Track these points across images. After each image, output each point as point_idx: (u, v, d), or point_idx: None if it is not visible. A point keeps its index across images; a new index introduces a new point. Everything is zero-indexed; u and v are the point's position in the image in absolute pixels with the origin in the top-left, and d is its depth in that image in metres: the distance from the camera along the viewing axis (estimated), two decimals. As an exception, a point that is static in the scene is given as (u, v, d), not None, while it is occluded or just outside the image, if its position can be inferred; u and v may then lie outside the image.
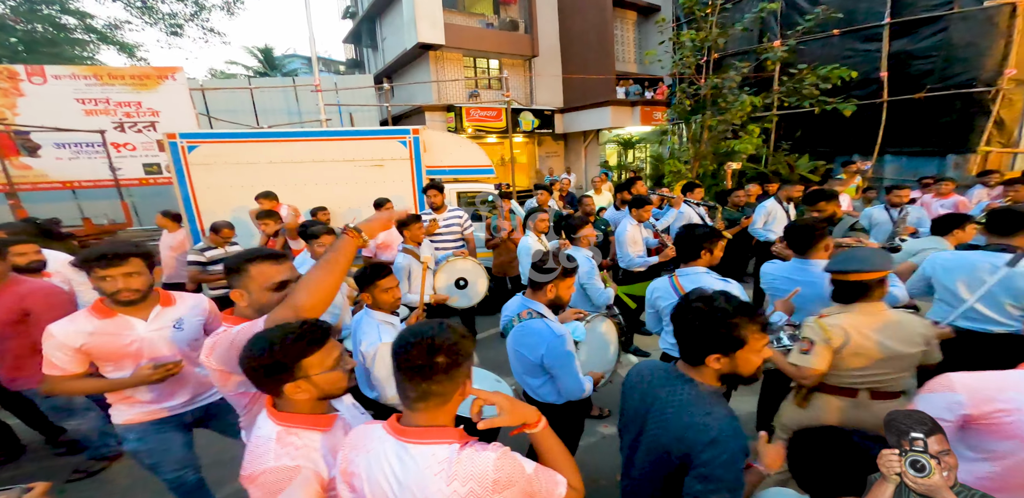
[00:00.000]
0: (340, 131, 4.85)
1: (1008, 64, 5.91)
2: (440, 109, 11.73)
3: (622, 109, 10.55)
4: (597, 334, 2.20)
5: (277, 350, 1.06)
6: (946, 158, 6.65)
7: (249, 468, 1.05)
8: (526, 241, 3.55)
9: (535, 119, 11.42)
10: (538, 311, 1.83)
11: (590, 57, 11.16)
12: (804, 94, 6.37)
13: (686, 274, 2.15)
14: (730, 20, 7.15)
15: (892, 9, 6.57)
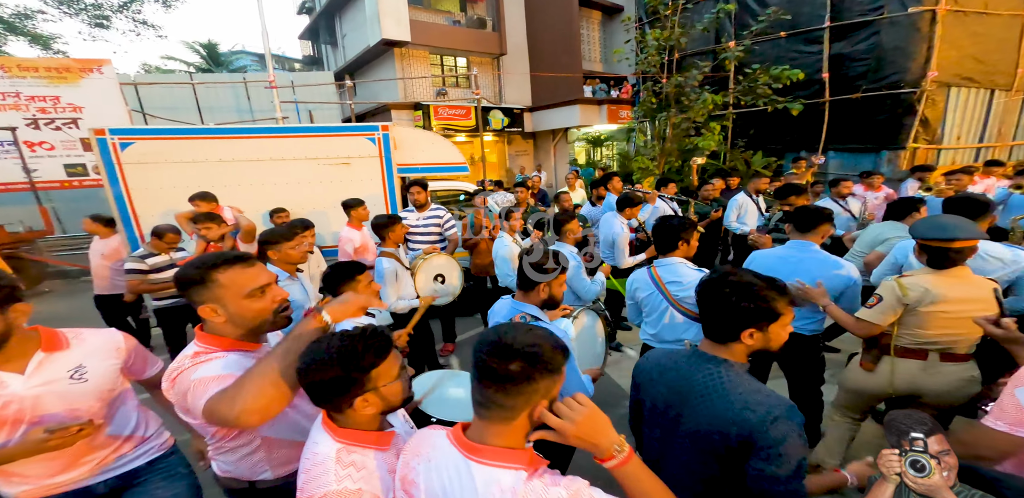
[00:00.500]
0: (302, 127, 4.59)
1: (930, 67, 6.40)
2: (407, 107, 11.60)
3: (590, 107, 10.80)
4: (584, 329, 2.19)
5: (349, 361, 0.98)
6: (881, 154, 7.16)
7: (309, 489, 0.96)
8: (501, 242, 3.46)
9: (505, 117, 11.51)
10: (532, 314, 1.75)
11: (557, 56, 11.36)
12: (758, 93, 6.70)
13: (664, 265, 2.18)
14: (690, 21, 7.40)
15: (831, 13, 6.96)
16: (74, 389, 1.29)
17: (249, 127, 4.29)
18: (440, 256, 3.44)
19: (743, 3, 7.48)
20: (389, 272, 2.87)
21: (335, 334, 1.04)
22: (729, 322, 1.11)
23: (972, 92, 6.84)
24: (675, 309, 2.13)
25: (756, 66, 6.75)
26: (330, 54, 17.30)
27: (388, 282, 2.85)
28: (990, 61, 6.71)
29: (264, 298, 1.19)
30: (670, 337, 2.19)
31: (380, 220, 2.99)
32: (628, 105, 10.60)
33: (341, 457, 0.99)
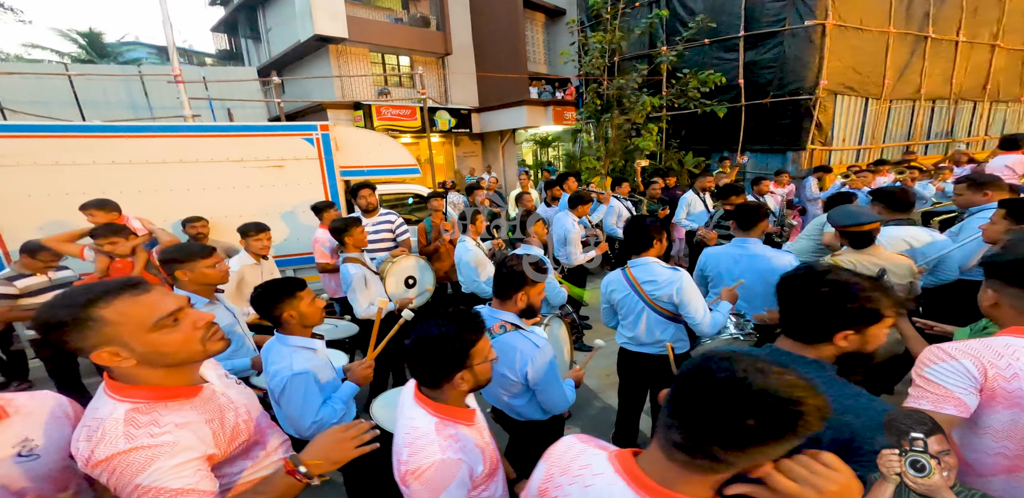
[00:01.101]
0: (221, 126, 4.11)
1: (822, 76, 7.27)
2: (346, 106, 11.17)
3: (536, 109, 11.19)
4: (553, 337, 2.17)
5: (462, 337, 1.02)
6: (787, 155, 8.02)
7: (414, 462, 0.98)
8: (463, 246, 3.37)
9: (451, 118, 11.52)
10: (512, 322, 1.67)
11: (503, 57, 11.62)
12: (689, 96, 7.31)
13: (638, 265, 2.16)
14: (628, 25, 7.89)
15: (745, 23, 7.65)
16: (23, 471, 0.96)
17: (149, 124, 3.73)
18: (409, 258, 3.40)
19: (674, 11, 8.10)
20: (357, 278, 2.75)
21: (440, 313, 1.08)
22: (823, 323, 1.03)
23: (853, 100, 7.95)
24: (651, 310, 2.12)
25: (686, 70, 7.37)
26: (251, 49, 16.13)
27: (358, 289, 2.74)
28: (865, 72, 7.81)
29: (180, 327, 0.96)
30: (649, 339, 2.18)
31: (337, 224, 2.87)
32: (572, 107, 11.16)
33: (440, 430, 1.02)
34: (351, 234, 2.82)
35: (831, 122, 7.87)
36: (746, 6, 7.54)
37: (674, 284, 2.03)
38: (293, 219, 4.27)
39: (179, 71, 6.43)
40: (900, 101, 8.58)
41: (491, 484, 1.09)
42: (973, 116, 9.87)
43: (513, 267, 1.69)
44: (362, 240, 2.90)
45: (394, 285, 3.21)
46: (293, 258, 4.30)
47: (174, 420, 0.94)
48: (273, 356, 1.60)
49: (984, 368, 1.07)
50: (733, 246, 2.47)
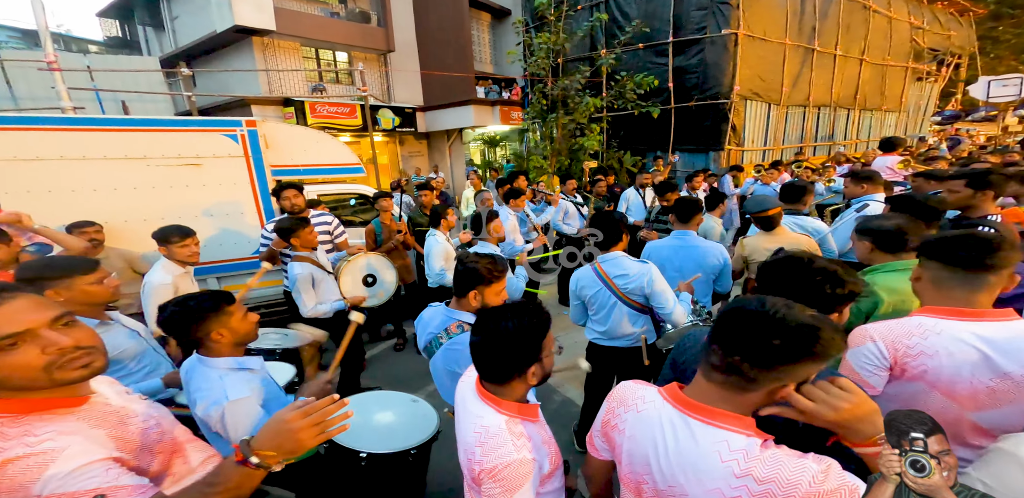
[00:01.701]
0: (113, 120, 3.63)
1: (736, 82, 8.11)
2: (274, 102, 10.48)
3: (483, 108, 11.34)
4: None
5: (534, 330, 1.01)
6: (709, 154, 8.81)
7: (489, 461, 0.96)
8: (434, 239, 3.34)
9: (395, 117, 11.29)
10: (470, 323, 1.59)
11: (449, 56, 11.60)
12: (627, 98, 7.83)
13: (608, 259, 2.21)
14: (572, 28, 8.25)
15: (673, 30, 8.30)
16: None
17: (18, 116, 3.30)
18: (368, 255, 3.34)
19: (612, 15, 8.62)
20: (302, 278, 2.71)
21: (507, 306, 1.06)
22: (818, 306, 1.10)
23: (759, 105, 9.00)
24: (623, 303, 2.16)
25: (624, 73, 7.91)
26: (151, 37, 14.55)
27: (302, 289, 2.70)
28: (768, 80, 8.84)
29: (22, 351, 0.83)
30: (621, 332, 2.23)
31: (283, 224, 2.79)
32: (519, 106, 11.46)
33: (511, 428, 1.01)
34: (298, 235, 2.77)
35: (743, 125, 8.80)
36: (674, 14, 8.25)
37: (645, 276, 2.10)
38: (216, 222, 3.86)
39: (54, 57, 5.61)
40: (794, 107, 9.96)
41: (554, 480, 1.09)
42: (848, 122, 11.77)
43: (468, 264, 1.63)
44: (311, 240, 2.84)
45: (350, 284, 3.12)
46: (216, 265, 3.87)
47: (54, 428, 0.85)
48: (198, 382, 1.36)
49: (894, 348, 1.19)
50: (673, 238, 2.66)
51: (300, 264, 2.75)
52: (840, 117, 11.46)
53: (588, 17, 8.36)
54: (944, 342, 1.15)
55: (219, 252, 3.89)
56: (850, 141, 11.89)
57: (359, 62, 9.50)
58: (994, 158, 5.71)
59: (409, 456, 1.66)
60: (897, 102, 13.08)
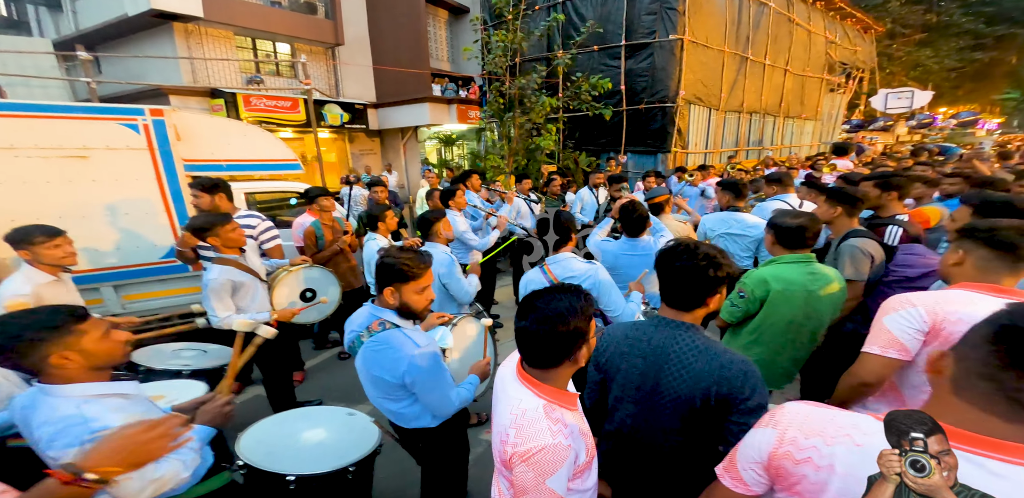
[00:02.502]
0: None
1: (681, 86, 8.50)
2: (198, 93, 9.57)
3: (440, 106, 11.07)
4: (466, 338, 2.08)
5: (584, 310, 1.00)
6: (658, 156, 9.19)
7: (523, 444, 0.95)
8: (375, 243, 3.17)
9: (344, 113, 10.72)
10: (391, 321, 1.54)
11: (404, 52, 11.19)
12: (582, 99, 7.93)
13: (556, 261, 2.21)
14: (529, 27, 8.29)
15: (626, 33, 8.54)
16: None
17: None
18: (312, 268, 3.08)
19: (569, 16, 8.73)
20: (219, 283, 2.39)
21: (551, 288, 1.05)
22: (701, 291, 1.23)
23: (701, 109, 9.55)
24: None
25: (580, 74, 8.04)
26: (45, 18, 12.88)
27: (213, 295, 2.38)
28: (708, 85, 9.34)
29: None
30: None
31: (196, 221, 2.46)
32: (477, 105, 11.33)
33: (548, 413, 0.99)
34: (215, 233, 2.42)
35: (688, 128, 9.27)
36: (627, 17, 8.51)
37: (592, 278, 2.10)
38: (113, 222, 3.39)
39: None
40: (731, 113, 10.73)
41: (588, 473, 1.06)
42: (774, 128, 12.85)
43: (385, 259, 1.53)
44: (234, 239, 2.50)
45: (285, 297, 2.84)
46: (112, 272, 3.43)
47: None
48: (44, 416, 1.11)
49: (934, 313, 1.25)
50: (624, 242, 2.69)
51: (220, 268, 2.43)
52: (768, 123, 12.48)
53: (545, 17, 8.39)
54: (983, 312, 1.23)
55: (117, 257, 3.42)
56: (776, 146, 12.98)
57: (303, 55, 8.92)
58: (892, 162, 6.54)
59: (348, 475, 1.53)
60: (814, 111, 14.51)
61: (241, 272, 2.50)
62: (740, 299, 1.94)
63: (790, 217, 1.92)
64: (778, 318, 1.91)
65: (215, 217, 2.49)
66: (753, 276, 1.94)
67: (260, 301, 2.64)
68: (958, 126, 19.24)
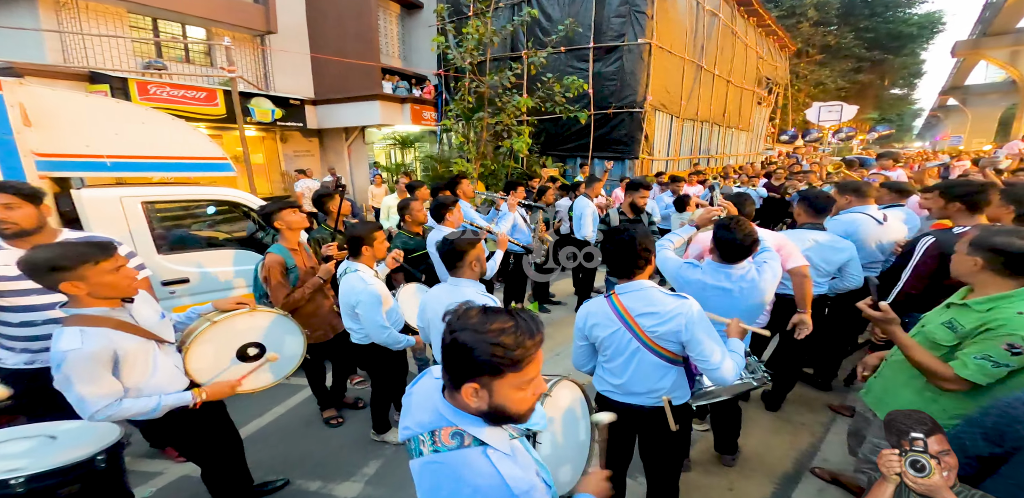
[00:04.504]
0: None
1: (648, 91, 8.37)
2: (72, 77, 7.58)
3: (391, 105, 9.91)
4: (561, 413, 1.51)
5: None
6: (626, 162, 8.97)
7: None
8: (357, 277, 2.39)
9: (276, 108, 9.19)
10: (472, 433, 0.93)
11: (349, 46, 9.81)
12: (555, 101, 7.51)
13: (630, 291, 1.68)
14: (493, 25, 7.62)
15: (595, 35, 8.29)
16: None
17: None
18: (255, 314, 2.10)
19: (535, 17, 8.13)
20: (87, 357, 1.48)
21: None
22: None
23: (665, 117, 9.58)
24: (649, 350, 1.63)
25: (550, 75, 7.59)
26: None
27: (87, 375, 1.49)
28: (671, 92, 9.39)
29: None
30: (642, 388, 1.69)
31: (36, 257, 1.47)
32: (432, 106, 10.34)
33: None
34: (80, 276, 1.49)
35: (654, 134, 9.20)
36: (595, 20, 8.25)
37: (683, 316, 1.57)
38: None
39: None
40: (687, 121, 10.93)
41: None
42: (718, 138, 13.42)
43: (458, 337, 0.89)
44: (111, 284, 1.55)
45: (211, 359, 1.95)
46: None
47: None
48: None
49: None
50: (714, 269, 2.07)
51: (85, 332, 1.49)
52: (715, 132, 12.99)
53: (508, 15, 7.92)
54: None
55: None
56: (720, 155, 13.58)
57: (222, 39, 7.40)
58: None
59: None
60: (748, 122, 15.51)
61: (124, 334, 1.58)
62: (1014, 356, 1.40)
63: (1018, 237, 1.48)
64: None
65: (82, 248, 1.52)
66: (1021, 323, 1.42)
67: (165, 371, 1.73)
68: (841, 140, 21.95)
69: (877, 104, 32.97)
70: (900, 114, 40.72)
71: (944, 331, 1.57)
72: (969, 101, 35.05)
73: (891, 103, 35.57)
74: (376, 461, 2.62)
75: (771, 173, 8.76)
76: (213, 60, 9.80)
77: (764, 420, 2.88)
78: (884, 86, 31.72)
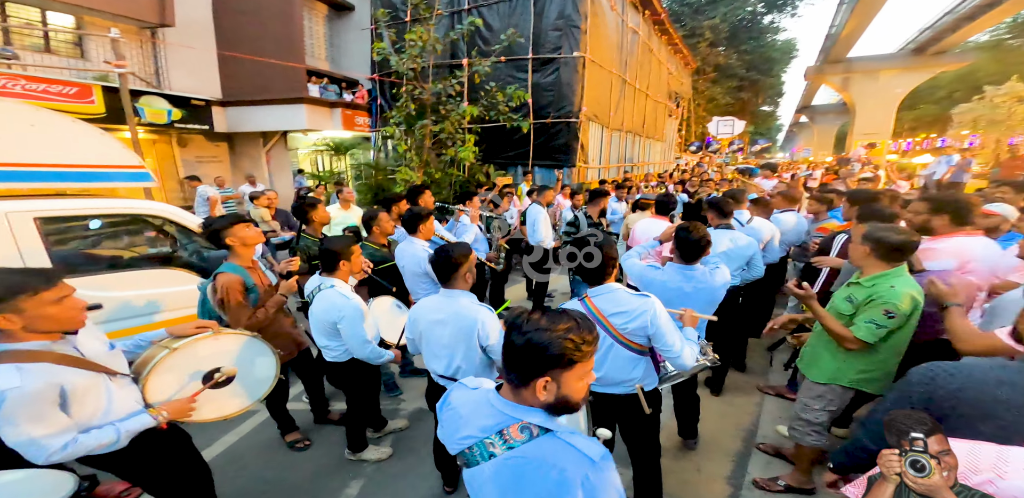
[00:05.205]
0: None
1: (583, 102, 8.68)
2: None
3: (319, 109, 9.00)
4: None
5: None
6: (564, 170, 9.20)
7: None
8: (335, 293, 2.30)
9: (173, 108, 7.84)
10: (539, 424, 1.02)
11: (268, 44, 8.62)
12: (499, 110, 7.48)
13: (602, 293, 1.88)
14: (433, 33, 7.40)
15: (533, 47, 8.46)
16: None
17: None
18: (219, 338, 1.94)
19: (476, 26, 8.04)
20: (30, 396, 1.34)
21: None
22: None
23: (597, 127, 10.06)
24: (621, 345, 1.85)
25: (492, 84, 7.57)
26: None
27: (34, 415, 1.35)
28: (602, 103, 9.87)
29: None
30: (619, 378, 1.91)
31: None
32: (365, 111, 9.60)
33: None
34: (15, 307, 1.35)
35: (588, 144, 9.64)
36: (534, 31, 8.42)
37: (648, 313, 1.77)
38: None
39: None
40: (615, 131, 11.59)
41: None
42: (638, 147, 14.44)
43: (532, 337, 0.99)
44: (52, 318, 1.42)
45: (174, 388, 1.80)
46: None
47: None
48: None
49: None
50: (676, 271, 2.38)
51: (28, 369, 1.35)
52: (636, 143, 13.97)
53: (447, 23, 7.74)
54: None
55: None
56: (640, 163, 14.63)
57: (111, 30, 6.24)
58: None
59: None
60: (662, 133, 16.95)
61: (69, 368, 1.45)
62: (889, 318, 1.86)
63: (894, 232, 1.93)
64: (910, 328, 1.97)
65: (17, 279, 1.40)
66: (895, 293, 1.87)
67: (123, 405, 1.61)
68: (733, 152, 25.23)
69: (752, 119, 38.28)
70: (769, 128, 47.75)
71: (845, 304, 2.02)
72: (815, 118, 42.43)
73: (763, 119, 41.52)
74: (358, 481, 2.53)
75: (684, 180, 9.64)
76: (85, 52, 8.14)
77: (712, 405, 3.17)
78: (758, 103, 36.87)
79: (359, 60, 10.01)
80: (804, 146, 40.02)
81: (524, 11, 8.41)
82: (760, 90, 32.86)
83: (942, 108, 29.11)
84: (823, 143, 39.82)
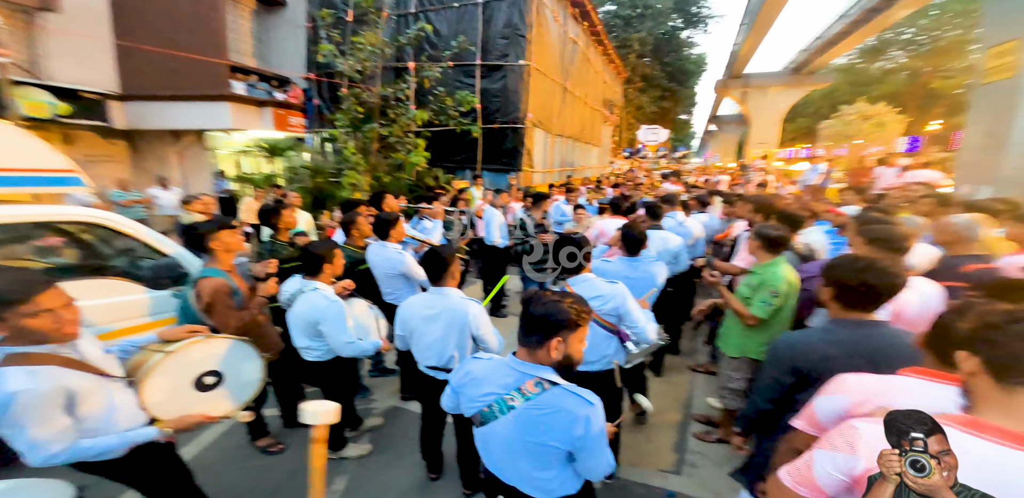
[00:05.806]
0: None
1: (528, 109, 8.91)
2: None
3: (246, 108, 8.04)
4: None
5: None
6: (511, 174, 9.34)
7: None
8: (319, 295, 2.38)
9: (57, 102, 6.54)
10: (549, 379, 1.31)
11: (182, 37, 7.42)
12: (449, 114, 7.45)
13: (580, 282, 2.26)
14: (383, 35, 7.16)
15: (482, 53, 8.50)
16: None
17: None
18: (210, 342, 1.96)
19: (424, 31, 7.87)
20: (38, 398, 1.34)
21: None
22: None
23: (541, 133, 10.39)
24: (598, 325, 2.20)
25: (441, 89, 7.45)
26: None
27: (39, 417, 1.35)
28: (546, 110, 10.19)
29: None
30: (595, 356, 2.24)
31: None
32: (300, 112, 8.77)
33: None
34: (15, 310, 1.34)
35: (534, 149, 9.92)
36: (482, 38, 8.40)
37: (619, 296, 2.19)
38: None
39: None
40: (558, 136, 11.89)
41: None
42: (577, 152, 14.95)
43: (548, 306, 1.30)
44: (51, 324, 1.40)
45: (168, 391, 1.80)
46: None
47: None
48: None
49: None
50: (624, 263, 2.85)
51: (37, 371, 1.37)
52: (576, 148, 14.47)
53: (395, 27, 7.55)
54: None
55: None
56: (580, 167, 15.18)
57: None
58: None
59: None
60: (598, 139, 17.72)
61: (75, 372, 1.47)
62: (774, 297, 2.36)
63: (772, 229, 2.47)
64: (789, 307, 2.46)
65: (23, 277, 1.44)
66: (777, 277, 2.36)
67: (123, 408, 1.63)
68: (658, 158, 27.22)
69: (673, 127, 41.50)
70: (686, 136, 52.02)
71: (745, 288, 2.51)
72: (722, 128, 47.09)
73: (680, 126, 45.14)
74: (342, 477, 2.57)
75: (620, 184, 10.23)
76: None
77: (655, 385, 3.53)
78: (677, 112, 40.03)
79: (291, 57, 9.27)
80: (714, 152, 44.20)
81: (472, 18, 8.40)
82: (679, 100, 35.62)
83: (813, 122, 33.51)
84: (728, 150, 44.33)
